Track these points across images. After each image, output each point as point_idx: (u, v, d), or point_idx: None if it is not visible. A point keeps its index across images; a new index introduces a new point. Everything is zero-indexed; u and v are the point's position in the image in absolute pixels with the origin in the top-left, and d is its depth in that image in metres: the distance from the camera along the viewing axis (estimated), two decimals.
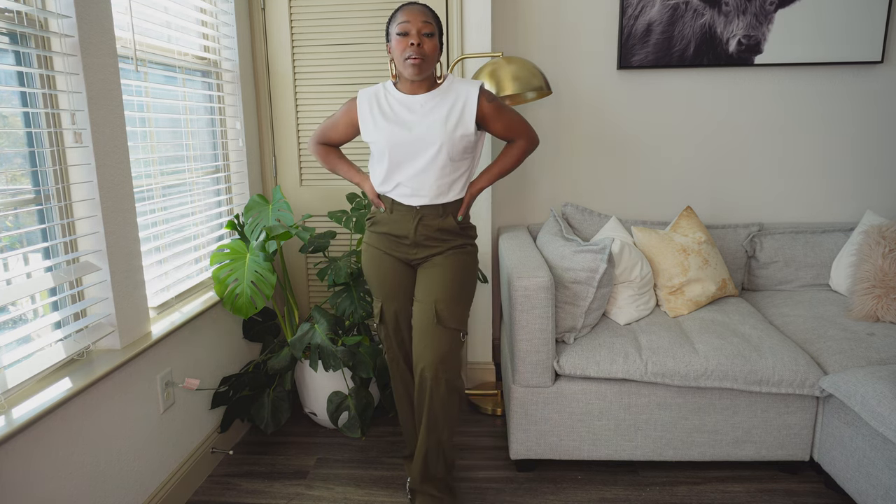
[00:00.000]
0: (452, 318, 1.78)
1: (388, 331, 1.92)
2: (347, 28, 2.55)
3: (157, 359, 1.86)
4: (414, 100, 1.76)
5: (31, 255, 1.53)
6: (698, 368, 1.93)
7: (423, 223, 1.80)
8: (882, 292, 2.21)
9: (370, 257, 1.90)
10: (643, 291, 2.29)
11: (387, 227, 1.84)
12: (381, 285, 1.88)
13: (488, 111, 1.77)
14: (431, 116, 1.73)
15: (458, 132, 1.73)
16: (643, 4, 2.62)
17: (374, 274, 1.89)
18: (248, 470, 2.16)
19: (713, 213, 2.86)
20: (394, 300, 1.88)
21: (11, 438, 1.31)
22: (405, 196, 1.79)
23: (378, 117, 1.77)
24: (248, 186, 2.54)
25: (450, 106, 1.74)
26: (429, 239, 1.82)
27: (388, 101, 1.79)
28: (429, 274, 1.82)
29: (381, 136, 1.75)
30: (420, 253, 1.83)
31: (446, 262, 1.82)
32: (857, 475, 1.79)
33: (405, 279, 1.88)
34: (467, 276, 1.84)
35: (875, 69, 2.67)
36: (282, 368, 2.25)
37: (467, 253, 1.85)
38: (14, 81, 1.45)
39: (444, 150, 1.72)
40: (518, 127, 1.84)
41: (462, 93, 1.76)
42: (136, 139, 1.86)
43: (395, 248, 1.85)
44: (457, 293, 1.80)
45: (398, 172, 1.77)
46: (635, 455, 2.04)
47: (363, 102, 1.81)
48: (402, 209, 1.81)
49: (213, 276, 2.18)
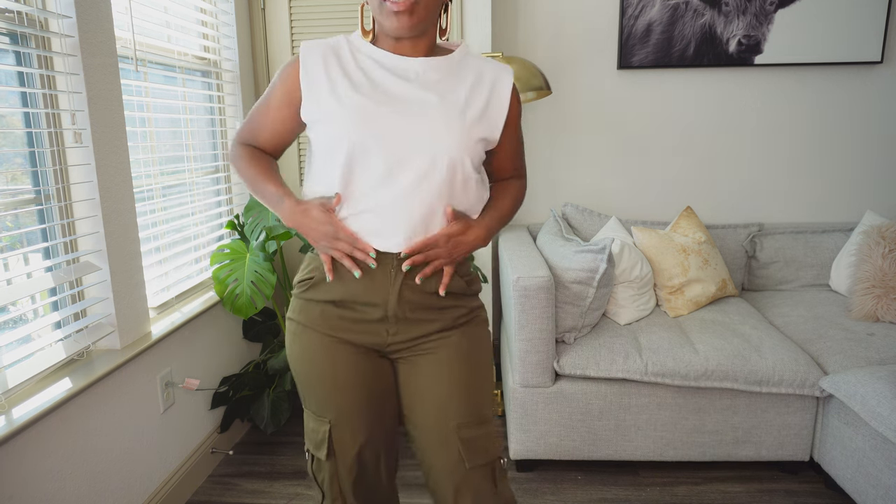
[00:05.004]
0: (490, 441, 1.12)
1: (340, 475, 1.15)
2: (347, 28, 2.55)
3: (157, 359, 1.86)
4: (407, 63, 1.06)
5: (32, 255, 1.53)
6: (698, 368, 1.93)
7: (409, 284, 1.08)
8: (882, 292, 2.21)
9: (306, 346, 1.13)
10: (643, 291, 2.29)
11: (339, 289, 1.09)
12: (330, 395, 1.12)
13: (514, 116, 1.16)
14: (438, 93, 1.06)
15: (479, 132, 1.07)
16: (643, 4, 2.62)
17: (316, 375, 1.12)
18: (248, 470, 2.16)
19: (713, 213, 2.86)
20: (355, 423, 1.13)
21: (11, 438, 1.31)
22: (375, 233, 1.06)
23: (338, 81, 1.05)
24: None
25: (469, 88, 1.09)
26: (419, 309, 1.10)
27: (356, 59, 1.08)
28: (428, 373, 1.12)
29: (342, 114, 1.03)
30: (402, 334, 1.11)
31: (453, 346, 1.13)
32: (857, 475, 1.79)
33: (376, 382, 1.14)
34: (487, 360, 1.18)
35: (875, 69, 2.67)
36: (282, 368, 2.25)
37: (479, 323, 1.18)
38: (14, 81, 1.45)
39: (460, 155, 1.05)
40: (522, 157, 1.25)
41: (487, 75, 1.12)
42: (136, 139, 1.86)
43: (354, 327, 1.11)
44: (483, 397, 1.14)
45: (366, 186, 1.04)
46: (635, 455, 2.04)
47: (312, 55, 1.08)
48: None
49: (213, 276, 2.19)
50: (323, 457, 1.14)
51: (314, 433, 1.15)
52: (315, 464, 1.17)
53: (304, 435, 1.17)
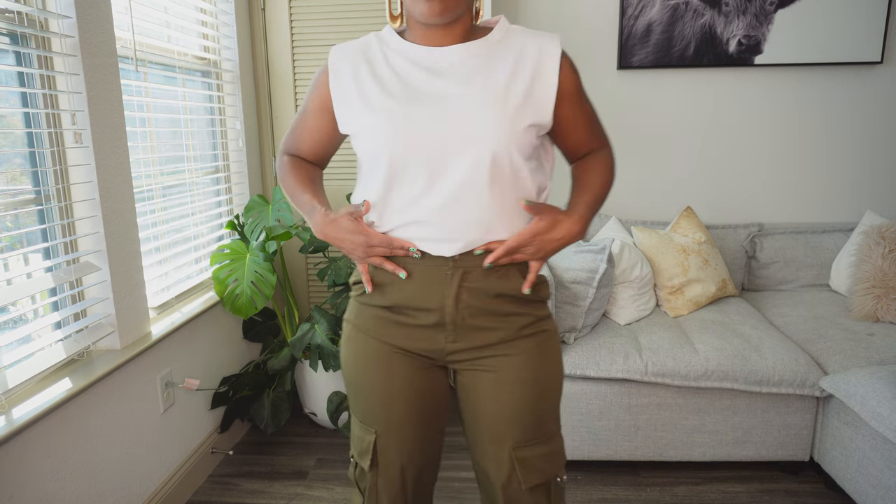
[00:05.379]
0: (549, 460, 1.06)
1: (380, 487, 1.10)
2: (347, 28, 2.55)
3: (156, 359, 1.86)
4: (441, 54, 0.99)
5: (32, 256, 1.53)
6: (698, 368, 1.93)
7: (467, 287, 1.02)
8: (882, 292, 2.21)
9: (359, 352, 1.08)
10: (643, 291, 2.29)
11: (393, 294, 1.04)
12: (379, 406, 1.07)
13: (570, 87, 1.02)
14: (475, 83, 0.97)
15: (526, 118, 0.97)
16: (643, 4, 2.62)
17: (367, 384, 1.08)
18: (248, 470, 2.16)
19: (713, 213, 2.86)
20: (402, 438, 1.08)
21: (11, 438, 1.31)
22: (426, 240, 1.01)
23: (369, 88, 1.00)
24: (248, 187, 2.53)
25: (510, 70, 0.98)
26: (480, 315, 1.03)
27: (387, 58, 1.01)
28: (488, 393, 1.05)
29: (376, 126, 0.98)
30: (462, 342, 1.04)
31: (516, 367, 1.04)
32: (857, 475, 1.79)
33: (428, 398, 1.09)
34: (556, 378, 1.08)
35: (875, 69, 2.67)
36: (282, 369, 2.25)
37: (549, 337, 1.08)
38: (14, 82, 1.45)
39: (505, 148, 0.96)
40: (597, 126, 1.11)
41: (530, 50, 0.99)
42: (136, 139, 1.86)
43: (409, 334, 1.05)
44: (547, 415, 1.06)
45: (408, 198, 0.99)
46: (635, 455, 2.04)
47: (341, 60, 1.03)
48: (424, 263, 1.02)
49: (213, 276, 2.19)
50: (367, 467, 1.10)
51: (360, 441, 1.11)
52: (358, 471, 1.14)
53: (350, 440, 1.13)
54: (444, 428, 1.14)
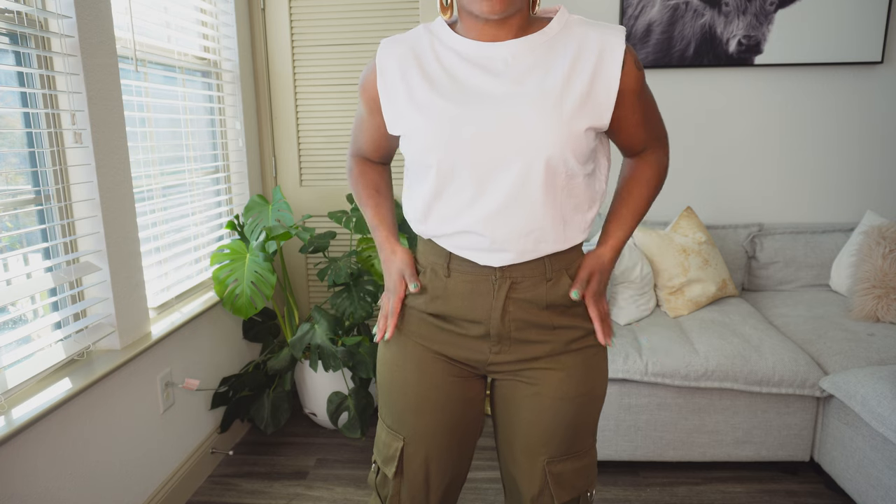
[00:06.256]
0: (581, 475, 1.04)
1: (403, 496, 1.07)
2: (347, 28, 2.55)
3: (156, 359, 1.86)
4: (495, 50, 0.92)
5: (31, 256, 1.53)
6: (698, 369, 1.93)
7: (514, 298, 0.98)
8: (882, 292, 2.21)
9: (397, 353, 1.06)
10: (643, 291, 2.29)
11: (440, 303, 1.01)
12: (410, 413, 1.04)
13: (632, 86, 0.94)
14: (530, 83, 0.90)
15: (584, 120, 0.90)
16: (643, 5, 2.62)
17: (400, 388, 1.05)
18: (248, 470, 2.16)
19: (713, 213, 2.86)
20: (431, 448, 1.04)
21: (11, 438, 1.31)
22: (473, 249, 0.97)
23: (417, 87, 0.94)
24: (248, 187, 2.53)
25: (568, 67, 0.90)
26: (527, 328, 0.99)
27: (437, 54, 0.95)
28: (526, 407, 1.02)
29: (424, 128, 0.93)
30: (507, 354, 1.01)
31: (558, 383, 1.00)
32: (857, 476, 1.79)
33: (463, 410, 1.05)
34: (598, 395, 1.04)
35: (875, 69, 2.67)
36: (282, 369, 2.25)
37: (597, 352, 1.04)
38: (14, 82, 1.45)
39: (561, 153, 0.90)
40: (659, 124, 1.04)
41: (592, 45, 0.91)
42: (136, 139, 1.86)
43: (454, 342, 1.02)
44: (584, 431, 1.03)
45: (456, 207, 0.95)
46: (635, 455, 2.04)
47: (388, 59, 0.97)
48: (471, 272, 0.99)
49: (213, 276, 2.18)
50: (390, 474, 1.06)
51: (385, 447, 1.07)
52: (380, 477, 1.10)
53: (374, 444, 1.11)
54: (475, 443, 1.10)
